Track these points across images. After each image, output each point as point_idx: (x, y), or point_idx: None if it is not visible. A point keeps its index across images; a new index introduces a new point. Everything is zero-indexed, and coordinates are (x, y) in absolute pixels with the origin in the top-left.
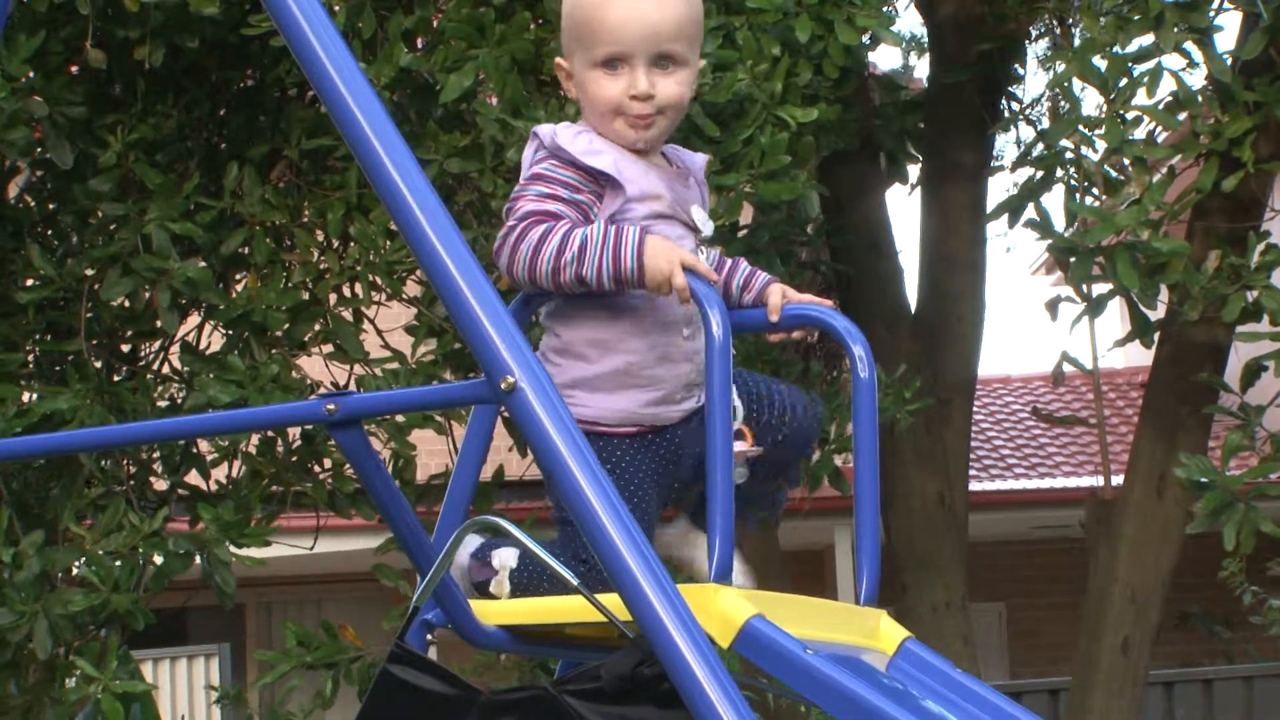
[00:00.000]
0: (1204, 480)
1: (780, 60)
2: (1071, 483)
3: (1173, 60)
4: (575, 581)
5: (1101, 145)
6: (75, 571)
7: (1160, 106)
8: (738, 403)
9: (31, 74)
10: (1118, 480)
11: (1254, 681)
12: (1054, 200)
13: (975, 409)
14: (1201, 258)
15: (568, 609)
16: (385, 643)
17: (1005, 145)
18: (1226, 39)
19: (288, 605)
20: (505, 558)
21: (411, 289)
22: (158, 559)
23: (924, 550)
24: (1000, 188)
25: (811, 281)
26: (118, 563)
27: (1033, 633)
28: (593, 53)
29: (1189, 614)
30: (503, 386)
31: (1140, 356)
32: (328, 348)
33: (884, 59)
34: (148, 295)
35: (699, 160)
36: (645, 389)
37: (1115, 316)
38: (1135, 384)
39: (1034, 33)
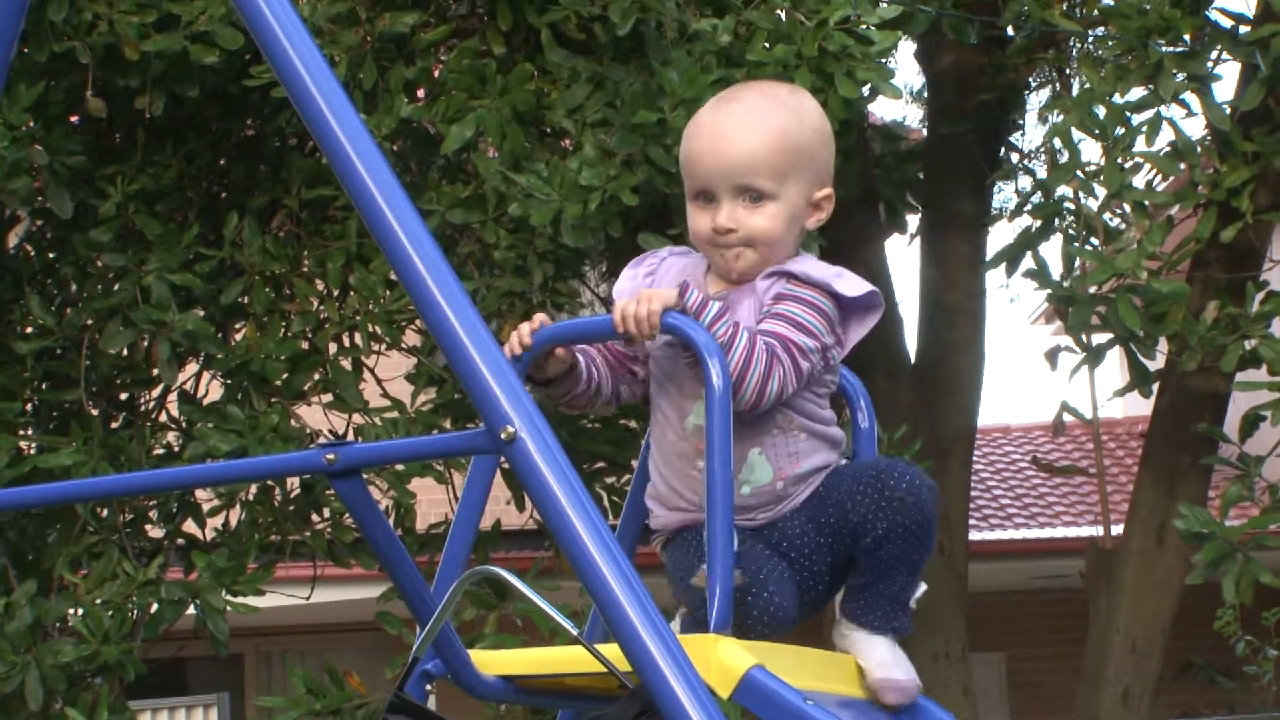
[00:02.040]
0: (1203, 531)
1: None
2: (1071, 532)
3: (1172, 110)
4: (575, 631)
5: (1101, 192)
6: (69, 622)
7: (1159, 155)
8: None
9: (32, 123)
10: (1118, 530)
11: None
12: (1052, 250)
13: (975, 459)
14: (1200, 307)
15: (568, 659)
16: (388, 691)
17: (1008, 197)
18: (1225, 89)
19: (287, 654)
20: None
21: (411, 338)
22: (152, 607)
23: (924, 600)
24: (1001, 238)
25: None
26: (110, 613)
27: (1033, 683)
28: (687, 185)
29: (1190, 664)
30: (503, 436)
31: (1140, 406)
32: (327, 397)
33: (884, 109)
34: (146, 345)
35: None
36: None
37: (1115, 366)
38: (1135, 433)
39: (1033, 82)
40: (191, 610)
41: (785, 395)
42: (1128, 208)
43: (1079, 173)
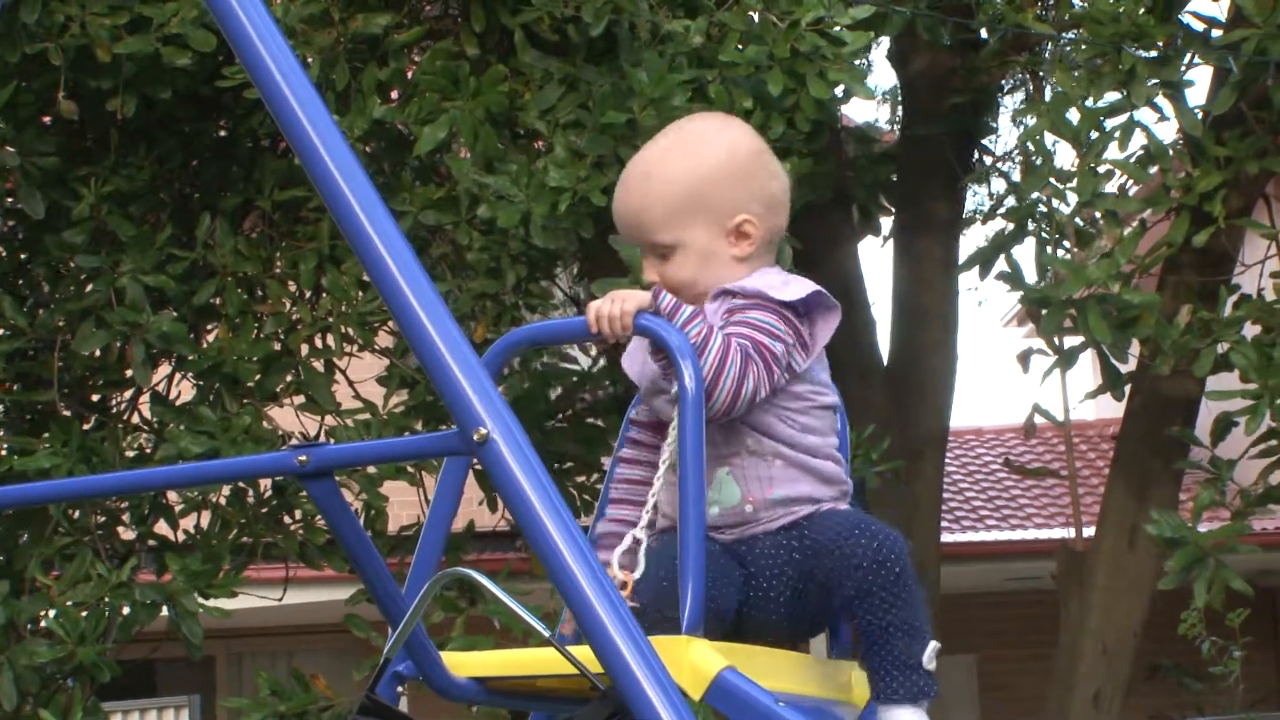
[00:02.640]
0: (1176, 537)
1: (752, 114)
2: (1043, 534)
3: (1144, 115)
4: (547, 633)
5: (1073, 198)
6: (43, 623)
7: (1132, 161)
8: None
9: (4, 124)
10: (1089, 532)
11: None
12: (1025, 253)
13: (947, 460)
14: (1173, 312)
15: (539, 661)
16: (356, 694)
17: (982, 200)
18: (1198, 94)
19: (258, 656)
20: None
21: (383, 340)
22: (125, 610)
23: None
24: (974, 240)
25: None
26: (84, 614)
27: (1004, 685)
28: None
29: (1159, 666)
30: (475, 438)
31: (1112, 408)
32: (299, 399)
33: (858, 112)
34: (120, 346)
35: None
36: None
37: (1087, 368)
38: (1106, 436)
39: (1006, 86)
40: (164, 612)
41: (759, 398)
42: (1099, 215)
43: (1052, 179)
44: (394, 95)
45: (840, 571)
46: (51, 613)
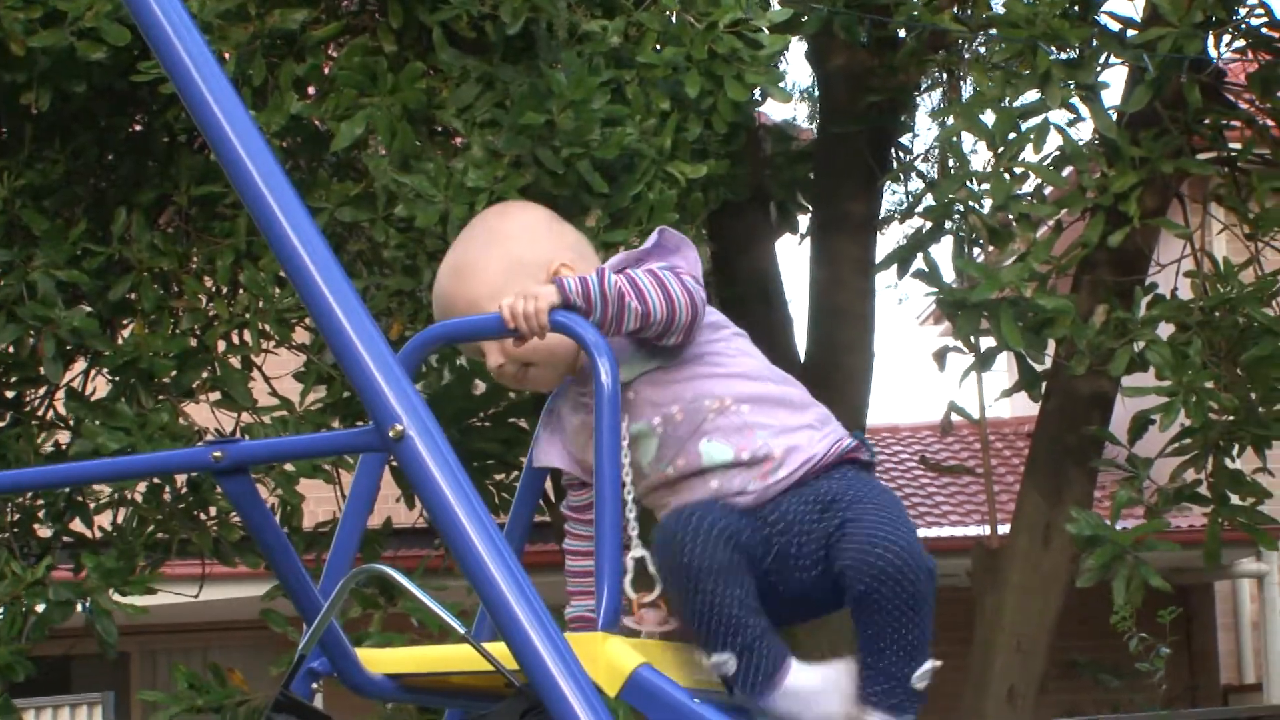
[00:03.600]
0: (1094, 535)
1: (669, 115)
2: (959, 532)
3: (1059, 115)
4: (462, 630)
5: (989, 201)
6: None
7: (1047, 162)
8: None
9: None
10: (1005, 530)
11: None
12: (943, 251)
13: None
14: (1088, 311)
15: (454, 657)
16: (272, 688)
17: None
18: (1113, 94)
19: (174, 653)
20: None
21: (300, 336)
22: (39, 608)
23: None
24: (892, 239)
25: None
26: (0, 611)
27: None
28: None
29: (1075, 663)
30: (391, 435)
31: (1028, 406)
32: (215, 395)
33: (775, 109)
34: (32, 342)
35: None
36: None
37: (1004, 367)
38: (1022, 434)
39: (923, 85)
40: (79, 610)
41: (697, 303)
42: (1013, 218)
43: (967, 182)
44: (311, 91)
45: (859, 568)
46: None
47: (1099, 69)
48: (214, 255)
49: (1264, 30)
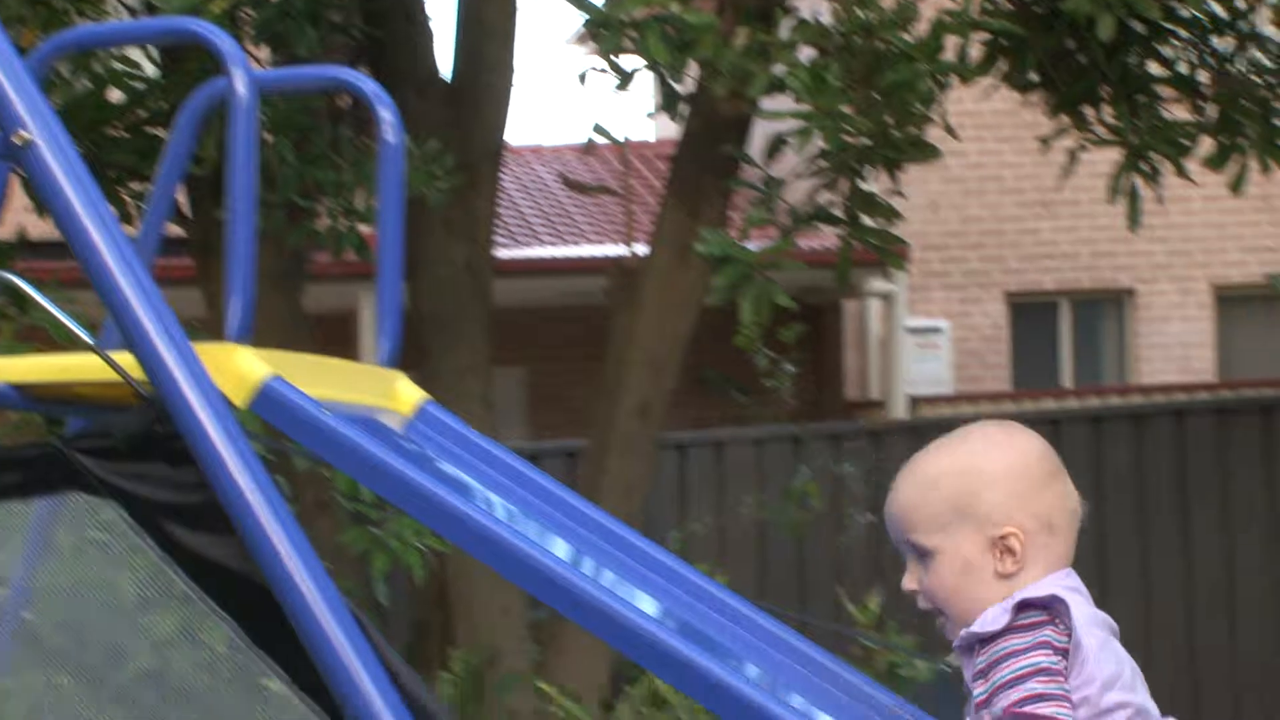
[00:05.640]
0: (724, 254)
1: None
2: (599, 251)
3: None
4: (89, 339)
5: None
6: None
7: None
8: None
9: None
10: (644, 250)
11: (764, 444)
12: None
13: (506, 178)
14: (731, 33)
15: (79, 366)
16: None
17: None
18: None
19: None
20: None
21: None
22: None
23: (448, 315)
24: None
25: (343, 46)
26: None
27: (554, 396)
28: None
29: (705, 378)
30: (16, 141)
31: (672, 131)
32: None
33: None
34: None
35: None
36: None
37: (649, 91)
38: (665, 157)
39: None
40: None
41: None
42: None
43: None
44: None
45: None
46: None
47: None
48: None
49: None
